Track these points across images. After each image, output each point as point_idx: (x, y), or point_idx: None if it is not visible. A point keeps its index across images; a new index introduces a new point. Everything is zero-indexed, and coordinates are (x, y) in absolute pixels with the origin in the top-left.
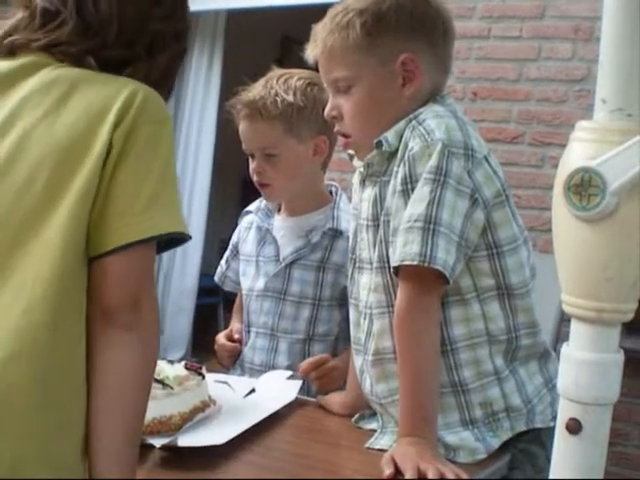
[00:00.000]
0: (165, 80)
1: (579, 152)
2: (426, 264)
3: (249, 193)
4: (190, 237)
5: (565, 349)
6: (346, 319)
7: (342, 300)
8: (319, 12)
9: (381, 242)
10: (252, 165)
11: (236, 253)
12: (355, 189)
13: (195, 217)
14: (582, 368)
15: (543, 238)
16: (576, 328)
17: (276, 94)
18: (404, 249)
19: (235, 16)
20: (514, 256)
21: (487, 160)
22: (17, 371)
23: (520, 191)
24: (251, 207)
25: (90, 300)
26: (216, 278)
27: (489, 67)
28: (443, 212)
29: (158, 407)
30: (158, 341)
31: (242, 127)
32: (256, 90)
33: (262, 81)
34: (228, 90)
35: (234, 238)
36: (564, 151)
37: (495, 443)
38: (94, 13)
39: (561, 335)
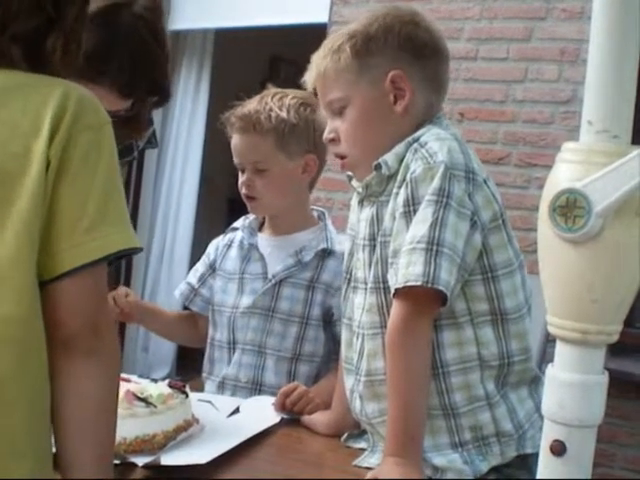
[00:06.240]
0: (77, 48)
1: (565, 173)
2: (429, 285)
3: (235, 212)
4: (142, 249)
5: (549, 370)
6: (331, 340)
7: (328, 322)
8: (307, 33)
9: (377, 263)
10: (242, 178)
11: (212, 271)
12: (353, 209)
13: (181, 236)
14: (566, 390)
15: (529, 259)
16: (561, 349)
17: (270, 109)
18: (407, 270)
19: (223, 35)
20: (509, 280)
21: (486, 183)
22: None
23: (506, 212)
24: (237, 224)
25: (46, 329)
26: (182, 298)
27: (476, 88)
28: (446, 233)
29: (141, 425)
30: (119, 362)
31: (235, 140)
32: (251, 105)
33: (257, 97)
34: (216, 109)
35: (211, 257)
36: (550, 172)
37: (484, 467)
38: None
39: (546, 356)
